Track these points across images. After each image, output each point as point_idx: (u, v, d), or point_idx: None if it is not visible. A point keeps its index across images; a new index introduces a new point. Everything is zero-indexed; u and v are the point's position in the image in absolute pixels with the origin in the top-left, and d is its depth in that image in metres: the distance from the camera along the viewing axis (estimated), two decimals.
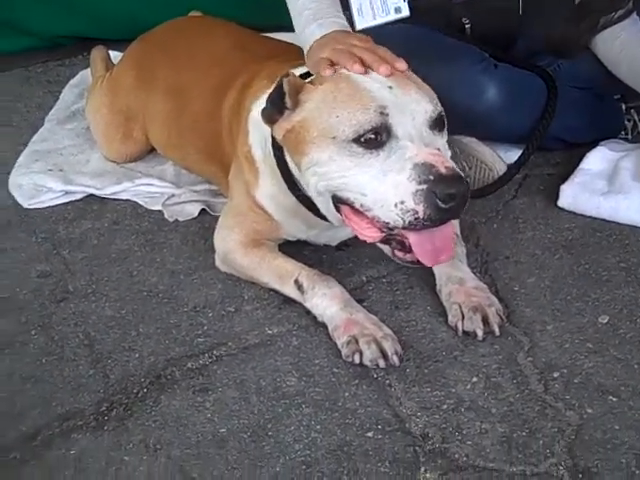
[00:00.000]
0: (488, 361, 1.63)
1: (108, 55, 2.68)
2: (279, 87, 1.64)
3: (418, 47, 2.07)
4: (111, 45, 2.78)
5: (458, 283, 1.74)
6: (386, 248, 1.65)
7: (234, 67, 2.06)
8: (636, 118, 2.34)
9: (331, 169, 1.61)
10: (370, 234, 1.64)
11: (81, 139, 2.54)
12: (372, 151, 1.57)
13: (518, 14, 2.31)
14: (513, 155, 2.18)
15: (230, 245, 1.90)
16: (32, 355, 1.73)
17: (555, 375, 1.58)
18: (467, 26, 2.26)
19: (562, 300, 1.77)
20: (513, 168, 2.14)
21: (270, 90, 1.69)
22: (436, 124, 1.62)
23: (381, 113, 1.56)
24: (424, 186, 1.51)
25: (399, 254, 1.63)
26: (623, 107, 2.37)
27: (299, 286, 1.77)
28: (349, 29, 1.88)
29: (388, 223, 1.57)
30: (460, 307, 1.70)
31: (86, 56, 2.91)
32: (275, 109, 1.66)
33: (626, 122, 2.35)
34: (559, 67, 2.31)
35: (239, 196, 1.93)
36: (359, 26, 2.22)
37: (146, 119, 2.34)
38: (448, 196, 1.50)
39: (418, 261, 1.61)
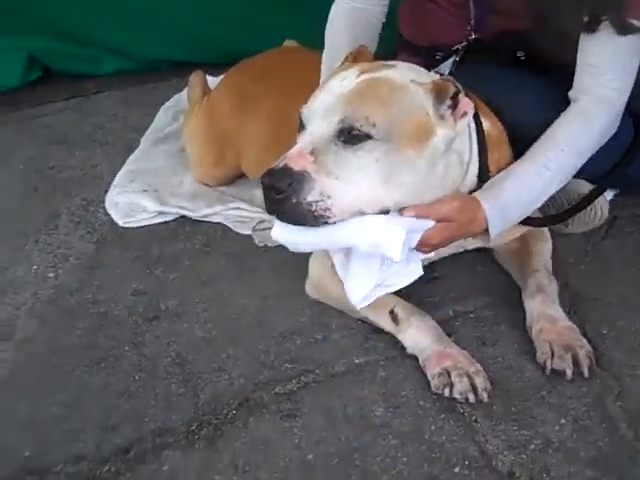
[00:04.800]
0: (576, 403, 1.63)
1: (205, 80, 2.75)
2: None
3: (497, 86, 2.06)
4: (204, 69, 2.85)
5: (550, 321, 1.74)
6: None
7: None
8: None
9: None
10: None
11: (175, 161, 2.60)
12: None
13: None
14: None
15: (326, 269, 1.92)
16: (126, 370, 1.79)
17: None
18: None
19: None
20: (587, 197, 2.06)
21: None
22: (345, 136, 1.61)
23: (303, 110, 1.69)
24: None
25: None
26: None
27: (394, 317, 1.79)
28: None
29: None
30: (551, 345, 1.70)
31: (180, 80, 3.00)
32: None
33: None
34: None
35: None
36: None
37: (242, 145, 2.39)
38: (262, 184, 1.62)
39: None
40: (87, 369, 1.80)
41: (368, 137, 1.61)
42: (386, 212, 1.64)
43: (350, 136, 1.61)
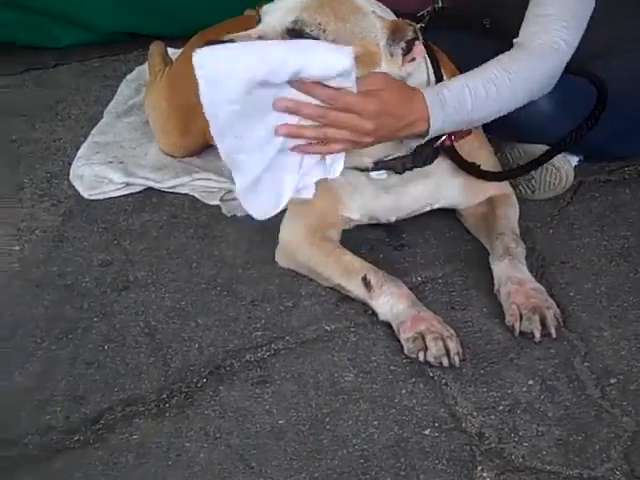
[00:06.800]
0: (544, 364, 1.64)
1: (166, 50, 2.72)
2: None
3: (466, 54, 2.06)
4: (166, 42, 2.82)
5: (517, 284, 1.75)
6: None
7: None
8: None
9: None
10: None
11: (139, 133, 2.57)
12: None
13: None
14: None
15: (297, 234, 1.92)
16: (94, 341, 1.78)
17: (612, 381, 1.59)
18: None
19: (618, 307, 1.78)
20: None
21: None
22: (294, 36, 1.61)
23: (263, 6, 1.67)
24: None
25: None
26: None
27: (367, 283, 1.78)
28: None
29: None
30: (518, 307, 1.71)
31: (141, 52, 2.97)
32: None
33: None
34: (607, 70, 2.23)
35: None
36: None
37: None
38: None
39: None
40: (55, 340, 1.78)
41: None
42: None
43: (299, 37, 1.61)
